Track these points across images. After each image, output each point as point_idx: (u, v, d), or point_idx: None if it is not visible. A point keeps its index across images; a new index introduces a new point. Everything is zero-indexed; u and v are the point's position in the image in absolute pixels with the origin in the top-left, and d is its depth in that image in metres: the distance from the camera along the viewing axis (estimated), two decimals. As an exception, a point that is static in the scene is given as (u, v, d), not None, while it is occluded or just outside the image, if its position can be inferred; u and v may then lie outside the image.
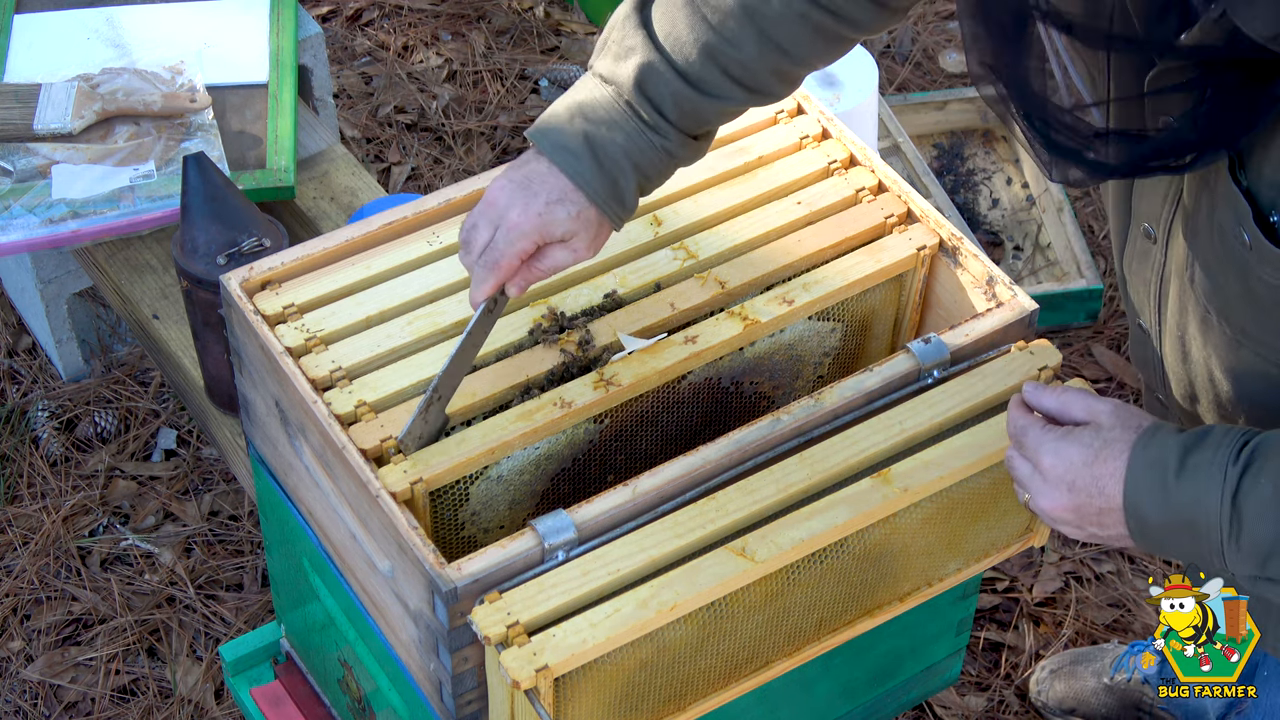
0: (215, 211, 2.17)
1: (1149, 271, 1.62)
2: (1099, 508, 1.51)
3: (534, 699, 1.49)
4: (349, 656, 1.89)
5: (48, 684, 2.59)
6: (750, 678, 1.70)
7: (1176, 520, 1.46)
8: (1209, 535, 1.44)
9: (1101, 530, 1.53)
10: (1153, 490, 1.48)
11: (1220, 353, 1.57)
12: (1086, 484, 1.51)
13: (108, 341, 2.98)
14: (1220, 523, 1.44)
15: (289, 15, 2.70)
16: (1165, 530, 1.48)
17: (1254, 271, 1.46)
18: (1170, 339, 1.64)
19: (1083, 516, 1.53)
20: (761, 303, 1.75)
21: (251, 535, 2.76)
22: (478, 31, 3.65)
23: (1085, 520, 1.53)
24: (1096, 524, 1.53)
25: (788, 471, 1.61)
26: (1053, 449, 1.53)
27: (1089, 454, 1.51)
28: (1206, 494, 1.44)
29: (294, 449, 1.73)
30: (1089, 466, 1.51)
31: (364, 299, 1.74)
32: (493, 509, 1.68)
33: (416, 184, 3.34)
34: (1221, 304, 1.52)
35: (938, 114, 3.37)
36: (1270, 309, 1.49)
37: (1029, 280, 3.11)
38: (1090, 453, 1.51)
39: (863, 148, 1.88)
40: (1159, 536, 1.49)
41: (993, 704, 2.60)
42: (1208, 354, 1.59)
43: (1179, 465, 1.46)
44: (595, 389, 1.67)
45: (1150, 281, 1.63)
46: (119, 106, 2.50)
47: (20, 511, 2.78)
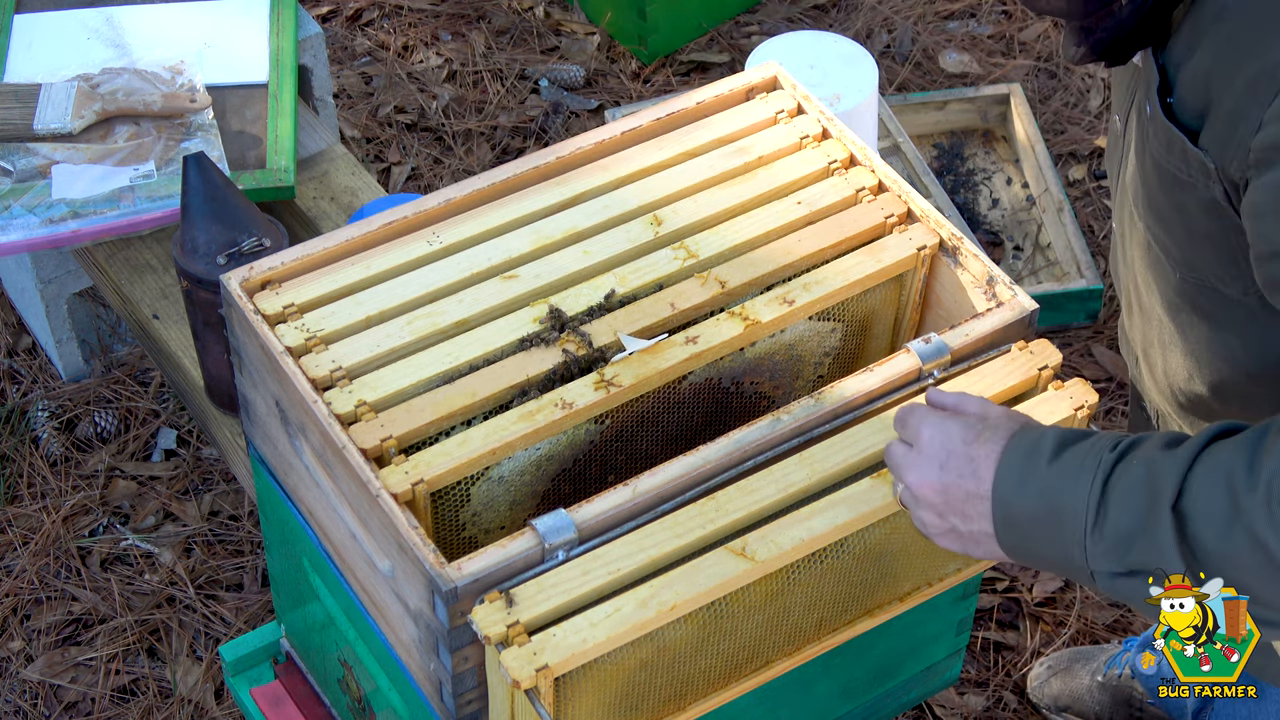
0: (215, 211, 2.17)
1: (1114, 166, 1.66)
2: (967, 491, 1.49)
3: (534, 699, 1.49)
4: (349, 656, 1.89)
5: (48, 684, 2.59)
6: (750, 678, 1.70)
7: (1042, 508, 1.43)
8: (1073, 524, 1.41)
9: (964, 524, 1.50)
10: (1023, 476, 1.45)
11: (1139, 253, 1.61)
12: (960, 464, 1.49)
13: (108, 341, 2.98)
14: (1086, 509, 1.41)
15: (289, 15, 2.70)
16: (1030, 522, 1.45)
17: (1149, 146, 1.52)
18: (1118, 238, 1.68)
19: (948, 500, 1.50)
20: (762, 303, 1.75)
21: (251, 535, 2.76)
22: (478, 31, 3.65)
23: (950, 507, 1.50)
24: (960, 514, 1.50)
25: (788, 471, 1.61)
26: (935, 423, 1.52)
27: (969, 434, 1.50)
28: (1077, 479, 1.42)
29: (294, 449, 1.73)
30: (967, 445, 1.49)
31: (364, 299, 1.74)
32: (494, 509, 1.68)
33: (416, 184, 3.34)
34: (1136, 192, 1.57)
35: (938, 114, 3.37)
36: (1159, 191, 1.53)
37: (1029, 280, 3.12)
38: (971, 433, 1.50)
39: (863, 148, 1.88)
40: (1023, 529, 1.46)
41: (992, 704, 2.60)
42: (1132, 254, 1.62)
43: (1053, 452, 1.44)
44: (596, 389, 1.67)
45: (1114, 176, 1.67)
46: (119, 106, 2.50)
47: (20, 511, 2.78)
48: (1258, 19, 1.43)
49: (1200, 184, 1.50)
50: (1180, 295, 1.62)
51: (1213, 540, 1.38)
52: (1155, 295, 1.67)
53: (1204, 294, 1.60)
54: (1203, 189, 1.50)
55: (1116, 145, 1.70)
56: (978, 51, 3.56)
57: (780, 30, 3.62)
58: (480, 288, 1.75)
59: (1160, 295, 1.66)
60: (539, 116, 3.46)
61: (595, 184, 1.85)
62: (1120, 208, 1.71)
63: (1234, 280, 1.56)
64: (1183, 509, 1.38)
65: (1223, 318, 1.60)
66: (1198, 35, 1.49)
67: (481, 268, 1.76)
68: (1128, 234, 1.69)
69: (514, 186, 1.84)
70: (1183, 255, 1.59)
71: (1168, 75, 1.53)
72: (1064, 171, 3.35)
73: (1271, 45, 1.41)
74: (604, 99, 3.50)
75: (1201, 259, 1.57)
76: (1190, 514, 1.38)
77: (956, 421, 1.52)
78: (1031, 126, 3.27)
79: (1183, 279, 1.60)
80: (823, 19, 3.67)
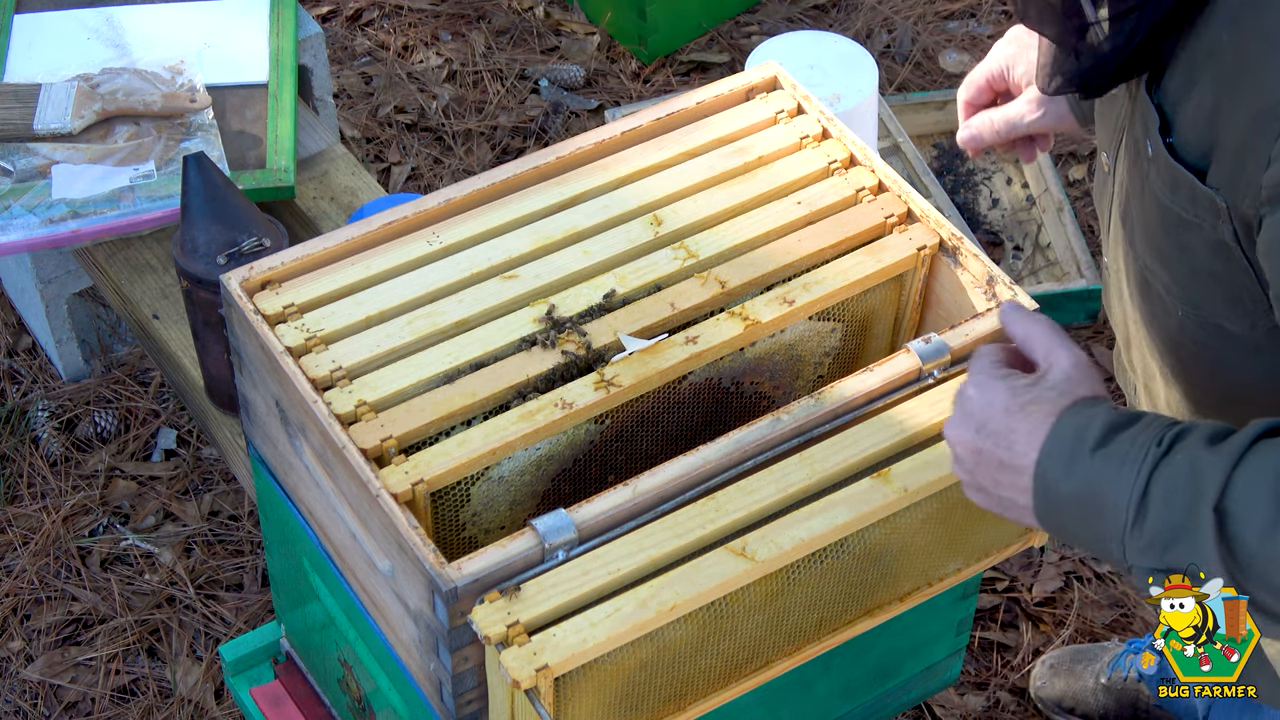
0: (215, 211, 2.17)
1: (1104, 204, 1.64)
2: (1000, 461, 1.47)
3: (534, 699, 1.49)
4: (349, 656, 1.89)
5: (48, 684, 2.59)
6: (750, 678, 1.70)
7: (1085, 491, 1.41)
8: (1114, 517, 1.40)
9: (994, 489, 1.49)
10: (1069, 459, 1.43)
11: (1138, 291, 1.59)
12: (997, 430, 1.47)
13: (108, 341, 2.98)
14: (1128, 503, 1.40)
15: (289, 15, 2.70)
16: (1071, 501, 1.43)
17: (1150, 186, 1.49)
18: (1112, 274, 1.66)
19: (979, 463, 1.49)
20: (762, 303, 1.75)
21: (251, 535, 2.76)
22: (478, 31, 3.65)
23: (980, 469, 1.49)
24: (991, 479, 1.48)
25: (788, 471, 1.61)
26: (982, 382, 1.49)
27: (1014, 403, 1.47)
28: (1120, 470, 1.40)
29: (294, 449, 1.73)
30: (1008, 415, 1.46)
31: (364, 299, 1.74)
32: (494, 509, 1.68)
33: (416, 184, 3.34)
34: (1130, 231, 1.54)
35: (938, 114, 3.37)
36: (1160, 231, 1.51)
37: (1029, 280, 3.12)
38: (1016, 403, 1.46)
39: (863, 148, 1.88)
40: (1062, 509, 1.44)
41: (991, 704, 2.60)
42: (1131, 291, 1.61)
43: (1100, 439, 1.42)
44: (596, 390, 1.67)
45: (1104, 214, 1.65)
46: (119, 106, 2.50)
47: (20, 511, 2.78)
48: (1257, 54, 1.40)
49: (1208, 224, 1.47)
50: (1182, 332, 1.60)
51: (1254, 542, 1.36)
52: (1156, 331, 1.65)
53: (1207, 330, 1.57)
54: (1210, 229, 1.47)
55: (1105, 183, 1.66)
56: (978, 51, 3.56)
57: (780, 30, 3.62)
58: (480, 288, 1.75)
59: (1162, 331, 1.64)
60: (539, 116, 3.46)
61: (595, 184, 1.85)
62: (1114, 245, 1.67)
63: (1240, 318, 1.53)
64: (1225, 508, 1.36)
65: (1228, 353, 1.58)
66: (1194, 72, 1.46)
67: (481, 268, 1.76)
68: (1124, 270, 1.66)
69: (514, 186, 1.84)
70: (1185, 294, 1.56)
71: (1164, 114, 1.49)
72: (1064, 171, 3.35)
73: (1273, 80, 1.38)
74: (604, 99, 3.50)
75: (1205, 297, 1.54)
76: (1232, 513, 1.36)
77: (1002, 387, 1.48)
78: (1031, 126, 3.27)
79: (1185, 316, 1.58)
80: (823, 19, 3.67)
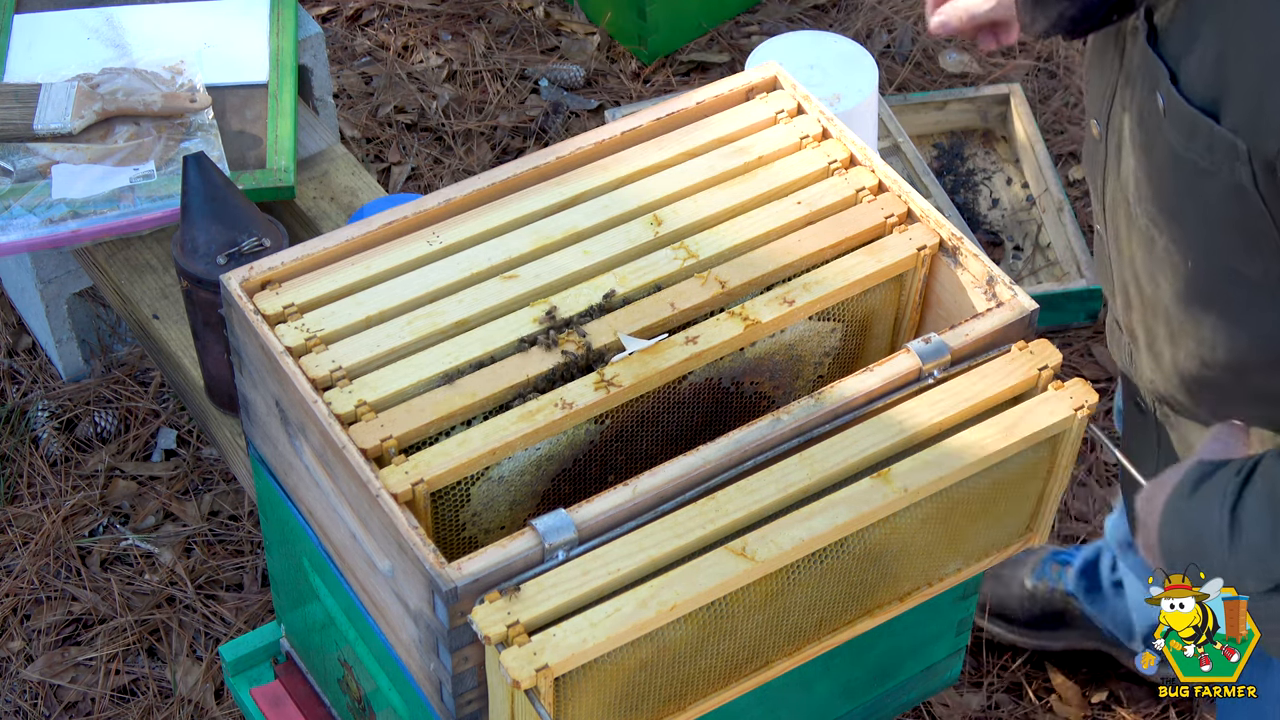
0: (215, 211, 2.17)
1: (1096, 170, 1.66)
2: (1146, 544, 1.63)
3: (534, 699, 1.49)
4: (349, 656, 1.90)
5: (48, 684, 2.59)
6: (750, 678, 1.70)
7: (1188, 542, 1.52)
8: (1215, 550, 1.47)
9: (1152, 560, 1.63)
10: (1172, 515, 1.55)
11: (1140, 249, 1.60)
12: (1144, 517, 1.63)
13: (108, 341, 2.98)
14: (1220, 534, 1.45)
15: (289, 15, 2.70)
16: (1183, 555, 1.55)
17: (1163, 138, 1.52)
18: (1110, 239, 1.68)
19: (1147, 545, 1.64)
20: (762, 303, 1.75)
21: (251, 535, 2.76)
22: (478, 31, 3.65)
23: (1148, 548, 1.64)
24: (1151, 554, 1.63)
25: (788, 471, 1.61)
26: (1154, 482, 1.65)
27: (1151, 490, 1.63)
28: (1209, 507, 1.49)
29: (294, 449, 1.73)
30: (1148, 501, 1.62)
31: (364, 299, 1.74)
32: (494, 509, 1.68)
33: (416, 184, 3.34)
34: (1137, 189, 1.56)
35: (938, 114, 3.37)
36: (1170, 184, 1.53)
37: (1029, 280, 3.12)
38: (1151, 488, 1.63)
39: (863, 148, 1.88)
40: (1181, 563, 1.55)
41: (990, 704, 2.60)
42: (1132, 252, 1.62)
43: (1192, 487, 1.53)
44: (596, 390, 1.67)
45: (1097, 180, 1.66)
46: (119, 106, 2.50)
47: (20, 511, 2.78)
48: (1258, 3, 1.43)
49: (1224, 169, 1.49)
50: (1192, 285, 1.63)
51: None
52: (1163, 289, 1.68)
53: (1219, 281, 1.61)
54: (1226, 174, 1.49)
55: (1097, 149, 1.69)
56: (978, 51, 3.56)
57: (780, 30, 3.62)
58: (480, 288, 1.75)
59: (1170, 288, 1.67)
60: (539, 116, 3.46)
61: (595, 184, 1.85)
62: (1112, 209, 1.70)
63: (1255, 262, 1.56)
64: None
65: (1241, 303, 1.61)
66: (1196, 23, 1.48)
67: (481, 268, 1.76)
68: (1123, 234, 1.68)
69: (514, 186, 1.84)
70: (1198, 244, 1.59)
71: (1168, 66, 1.52)
72: (1064, 171, 3.35)
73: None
74: (604, 99, 3.50)
75: (1220, 245, 1.57)
76: None
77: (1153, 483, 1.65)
78: (1031, 126, 3.27)
79: (1195, 267, 1.61)
80: (823, 19, 3.67)
